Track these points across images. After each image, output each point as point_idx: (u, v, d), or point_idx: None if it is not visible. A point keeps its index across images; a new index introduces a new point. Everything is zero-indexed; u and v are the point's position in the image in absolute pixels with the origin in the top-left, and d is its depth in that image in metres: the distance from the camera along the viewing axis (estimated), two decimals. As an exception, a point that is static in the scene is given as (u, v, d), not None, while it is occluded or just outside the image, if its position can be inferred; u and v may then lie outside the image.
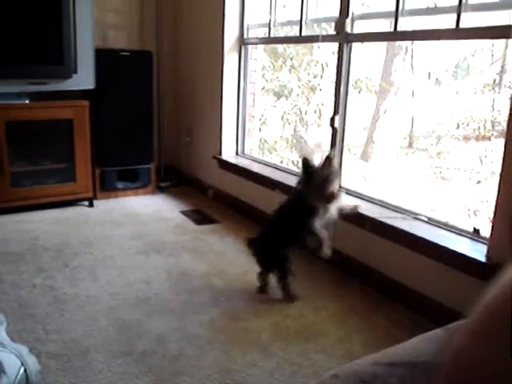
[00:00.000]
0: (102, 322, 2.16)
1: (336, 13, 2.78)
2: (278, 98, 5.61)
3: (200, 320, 2.18)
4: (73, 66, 3.42)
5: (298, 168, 3.31)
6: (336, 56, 2.86)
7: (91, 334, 2.06)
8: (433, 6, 2.51)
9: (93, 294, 2.39)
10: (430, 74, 6.50)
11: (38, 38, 3.33)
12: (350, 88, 2.87)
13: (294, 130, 5.93)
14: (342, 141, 2.87)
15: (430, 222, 2.38)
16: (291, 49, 5.51)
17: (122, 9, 4.07)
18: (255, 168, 3.47)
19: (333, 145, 2.89)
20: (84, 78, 3.49)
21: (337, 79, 2.82)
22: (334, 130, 2.86)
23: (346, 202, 2.44)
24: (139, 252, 2.89)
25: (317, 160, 2.23)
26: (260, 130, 4.26)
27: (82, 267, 2.68)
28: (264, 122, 5.37)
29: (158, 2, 4.16)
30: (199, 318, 2.20)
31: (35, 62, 3.34)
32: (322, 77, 5.48)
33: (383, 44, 5.92)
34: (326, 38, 2.99)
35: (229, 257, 2.87)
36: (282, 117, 5.63)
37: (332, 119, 2.85)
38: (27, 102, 3.39)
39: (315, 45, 5.29)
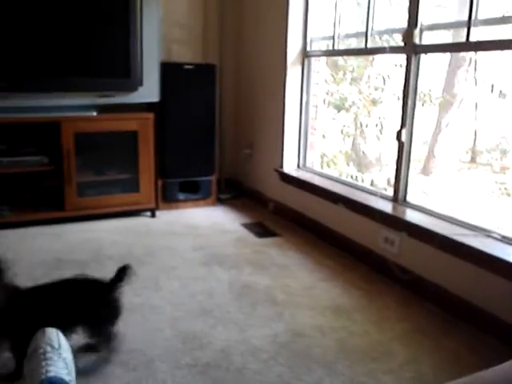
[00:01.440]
0: (166, 332, 2.16)
1: (402, 24, 2.72)
2: (338, 111, 5.56)
3: (264, 334, 2.15)
4: (139, 79, 3.51)
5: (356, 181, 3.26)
6: (399, 68, 2.80)
7: (156, 344, 2.07)
8: (509, 14, 2.42)
9: (156, 304, 2.41)
10: (493, 86, 6.29)
11: (107, 52, 3.43)
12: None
13: (353, 143, 5.86)
14: (409, 155, 2.80)
15: (505, 239, 2.27)
16: (351, 61, 5.46)
17: (187, 23, 4.15)
18: (317, 181, 3.43)
19: (399, 158, 2.82)
20: (149, 90, 3.57)
21: (404, 91, 2.75)
22: (401, 144, 2.80)
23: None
24: (201, 263, 2.90)
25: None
26: (320, 143, 4.24)
27: (146, 277, 2.71)
28: (324, 135, 5.33)
29: (222, 17, 4.22)
30: (263, 331, 2.18)
31: (103, 75, 3.45)
32: (383, 90, 5.39)
33: (446, 55, 5.77)
34: (394, 50, 2.94)
35: (291, 271, 2.84)
36: (342, 130, 5.57)
37: (399, 133, 2.78)
38: (95, 114, 3.48)
39: (376, 57, 5.22)
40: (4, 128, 3.39)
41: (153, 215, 3.75)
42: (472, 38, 2.38)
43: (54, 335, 1.46)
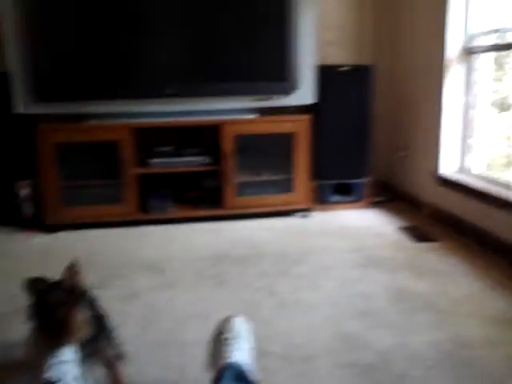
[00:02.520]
0: (325, 330, 2.19)
1: None
2: (501, 111, 5.18)
3: (425, 340, 2.09)
4: (295, 82, 3.59)
5: None
6: None
7: (314, 341, 2.10)
8: None
9: (313, 303, 2.44)
10: None
11: (264, 56, 3.57)
12: None
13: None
14: None
15: None
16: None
17: (341, 24, 4.16)
18: (480, 185, 3.23)
19: None
20: (304, 93, 3.65)
21: None
22: None
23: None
24: (357, 265, 2.89)
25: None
26: (481, 145, 3.99)
27: (302, 275, 2.76)
28: (485, 136, 5.01)
29: (377, 16, 4.16)
30: (423, 338, 2.11)
31: (261, 79, 3.59)
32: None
33: None
34: None
35: (451, 278, 2.71)
36: (506, 131, 5.19)
37: None
38: (254, 116, 3.63)
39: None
40: (171, 131, 3.68)
41: (306, 216, 3.81)
42: None
43: (240, 324, 1.56)
